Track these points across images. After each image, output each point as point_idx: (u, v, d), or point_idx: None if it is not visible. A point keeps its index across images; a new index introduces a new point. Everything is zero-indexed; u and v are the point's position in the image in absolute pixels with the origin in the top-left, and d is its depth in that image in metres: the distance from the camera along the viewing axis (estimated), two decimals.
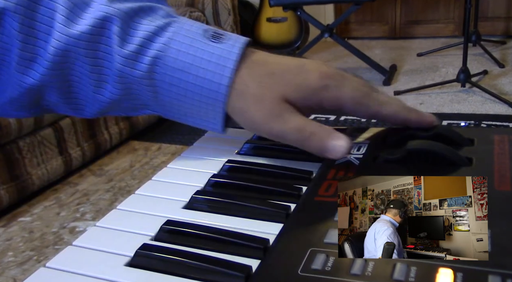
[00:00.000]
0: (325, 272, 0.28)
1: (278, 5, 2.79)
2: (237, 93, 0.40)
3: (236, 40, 0.41)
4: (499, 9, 3.48)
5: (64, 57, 0.40)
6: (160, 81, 0.40)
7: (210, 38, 0.40)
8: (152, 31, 0.40)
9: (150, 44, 0.40)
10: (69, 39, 0.39)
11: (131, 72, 0.40)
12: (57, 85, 0.41)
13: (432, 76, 2.82)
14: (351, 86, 0.41)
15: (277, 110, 0.40)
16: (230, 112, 0.41)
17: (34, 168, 1.62)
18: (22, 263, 1.30)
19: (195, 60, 0.40)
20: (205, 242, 0.32)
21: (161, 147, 2.01)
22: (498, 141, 0.42)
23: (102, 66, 0.41)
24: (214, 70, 0.40)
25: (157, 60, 0.40)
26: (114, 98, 0.42)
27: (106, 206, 1.57)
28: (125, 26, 0.40)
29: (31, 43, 0.39)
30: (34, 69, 0.40)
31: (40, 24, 0.39)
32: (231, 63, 0.40)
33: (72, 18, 0.39)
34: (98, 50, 0.40)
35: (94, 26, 0.39)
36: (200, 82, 0.40)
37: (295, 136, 0.40)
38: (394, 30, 3.81)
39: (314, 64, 0.42)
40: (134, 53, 0.40)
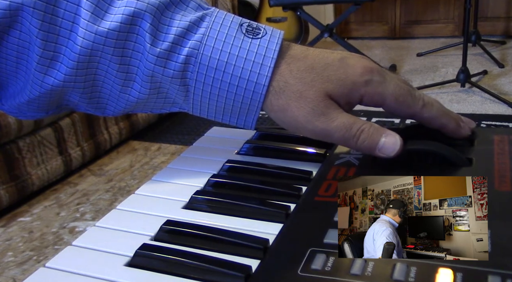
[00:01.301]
0: (325, 272, 0.28)
1: (278, 5, 2.79)
2: (276, 91, 0.38)
3: (272, 34, 0.39)
4: (499, 9, 3.48)
5: (91, 56, 0.37)
6: (193, 80, 0.38)
7: (245, 33, 0.38)
8: (185, 27, 0.38)
9: (184, 41, 0.38)
10: (96, 37, 0.36)
11: (163, 72, 0.38)
12: (81, 84, 0.39)
13: (432, 76, 2.82)
14: (394, 82, 0.40)
15: (321, 107, 0.38)
16: (269, 110, 0.39)
17: (34, 168, 1.62)
18: (21, 263, 1.30)
19: (230, 58, 0.38)
20: (205, 242, 0.32)
21: (161, 147, 2.01)
22: (498, 141, 0.42)
23: (130, 64, 0.38)
24: (252, 69, 0.38)
25: (191, 58, 0.37)
26: (142, 97, 0.40)
27: (106, 206, 1.57)
28: (156, 23, 0.37)
29: (53, 41, 0.37)
30: (56, 69, 0.38)
31: (63, 20, 0.36)
32: (270, 61, 0.38)
33: (98, 14, 0.37)
34: (127, 48, 0.38)
35: (123, 22, 0.37)
36: (236, 81, 0.38)
37: (342, 134, 0.38)
38: (394, 30, 3.81)
39: (355, 58, 0.40)
40: (166, 52, 0.37)
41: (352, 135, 0.38)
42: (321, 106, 0.38)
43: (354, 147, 0.39)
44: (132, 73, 0.39)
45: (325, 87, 0.38)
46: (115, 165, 1.87)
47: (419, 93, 0.41)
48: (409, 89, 0.40)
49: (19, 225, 1.49)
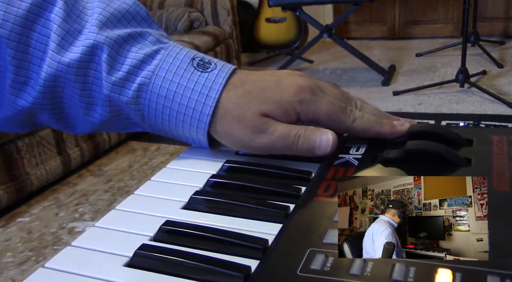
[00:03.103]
0: (324, 272, 0.28)
1: (277, 5, 2.79)
2: (219, 119, 0.42)
3: (222, 69, 0.42)
4: (498, 10, 3.49)
5: (55, 82, 0.41)
6: (146, 106, 0.42)
7: (195, 67, 0.42)
8: (140, 59, 0.42)
9: (138, 71, 0.41)
10: (59, 66, 0.40)
11: (118, 98, 0.42)
12: (49, 107, 0.43)
13: (431, 76, 2.83)
14: (326, 100, 0.42)
15: (259, 125, 0.41)
16: (216, 136, 0.43)
17: (33, 168, 1.61)
18: (20, 264, 1.29)
19: (179, 88, 0.41)
20: (204, 242, 0.32)
21: (160, 147, 2.00)
22: (497, 141, 0.42)
23: (91, 90, 0.42)
24: (197, 99, 0.41)
25: (144, 86, 0.41)
26: (104, 119, 0.44)
27: (105, 206, 1.57)
28: (113, 54, 0.41)
29: (25, 68, 0.41)
30: (27, 92, 0.42)
31: (34, 50, 0.40)
32: (214, 93, 0.41)
33: (63, 46, 0.41)
34: (88, 75, 0.42)
35: (84, 53, 0.41)
36: (183, 109, 0.42)
37: (283, 143, 0.41)
38: (393, 30, 3.81)
39: (291, 78, 0.42)
40: (121, 80, 0.41)
41: (291, 142, 0.41)
42: (259, 124, 0.41)
43: (296, 152, 0.41)
44: (94, 98, 0.43)
45: (261, 108, 0.41)
46: (114, 165, 1.87)
47: (352, 108, 0.43)
48: (341, 106, 0.42)
49: (18, 225, 1.48)
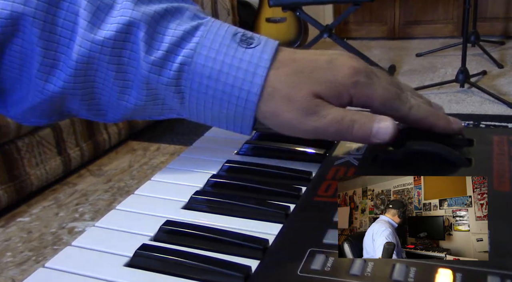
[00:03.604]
0: (324, 272, 0.28)
1: (277, 5, 2.79)
2: (266, 98, 0.39)
3: (266, 44, 0.39)
4: (498, 10, 3.49)
5: (88, 64, 0.38)
6: (187, 88, 0.39)
7: (239, 43, 0.39)
8: (179, 36, 0.38)
9: (178, 50, 0.38)
10: (92, 46, 0.37)
11: (157, 79, 0.39)
12: (80, 92, 0.40)
13: (431, 76, 2.83)
14: (382, 85, 0.40)
15: (311, 107, 0.38)
16: (261, 117, 0.40)
17: (33, 168, 1.61)
18: (20, 264, 1.29)
19: (224, 67, 0.38)
20: (204, 242, 0.32)
21: (160, 147, 2.00)
22: (497, 141, 0.42)
23: (127, 72, 0.39)
24: (244, 78, 0.38)
25: (185, 66, 0.38)
26: (139, 104, 0.41)
27: (105, 206, 1.57)
28: (151, 32, 0.38)
29: (53, 49, 0.38)
30: (56, 76, 0.39)
31: (62, 29, 0.38)
32: (262, 70, 0.38)
33: (95, 23, 0.38)
34: (123, 56, 0.39)
35: (119, 31, 0.38)
36: (229, 89, 0.38)
37: (336, 128, 0.38)
38: (393, 30, 3.81)
39: (343, 59, 0.40)
40: (161, 60, 0.38)
41: (345, 127, 0.38)
42: (310, 106, 0.38)
43: (350, 139, 0.39)
44: (128, 81, 0.40)
45: (313, 89, 0.38)
46: (114, 165, 1.87)
47: (407, 95, 0.41)
48: (397, 93, 0.40)
49: (18, 225, 1.48)
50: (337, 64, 0.39)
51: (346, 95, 0.39)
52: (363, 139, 0.39)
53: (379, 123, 0.38)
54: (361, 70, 0.39)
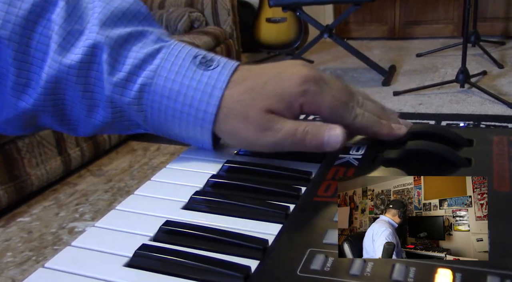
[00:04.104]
0: (324, 272, 0.28)
1: (278, 5, 2.79)
2: (222, 119, 0.41)
3: (224, 66, 0.41)
4: (498, 10, 3.49)
5: (56, 83, 0.41)
6: (148, 106, 0.41)
7: (198, 65, 0.41)
8: (141, 58, 0.41)
9: (139, 71, 0.41)
10: (61, 67, 0.40)
11: (120, 99, 0.41)
12: (51, 109, 0.42)
13: (431, 76, 2.83)
14: (329, 93, 0.41)
15: (264, 123, 0.40)
16: (221, 136, 0.42)
17: (33, 168, 1.61)
18: (21, 264, 1.29)
19: (182, 88, 0.40)
20: (204, 242, 0.32)
21: (160, 147, 2.00)
22: (497, 141, 0.42)
23: (93, 91, 0.42)
24: (201, 99, 0.40)
25: (145, 87, 0.41)
26: (106, 121, 0.43)
27: (105, 206, 1.57)
28: (114, 54, 0.40)
29: (26, 69, 0.40)
30: (28, 94, 0.41)
31: (35, 51, 0.40)
32: (218, 91, 0.40)
33: (65, 47, 0.40)
34: (89, 77, 0.41)
35: (84, 54, 0.40)
36: (187, 109, 0.41)
37: (290, 141, 0.40)
38: (394, 30, 3.81)
39: (293, 68, 0.41)
40: (123, 81, 0.41)
41: (299, 139, 0.40)
42: (264, 122, 0.40)
43: (305, 149, 0.41)
44: (96, 99, 0.42)
45: (265, 104, 0.40)
46: (114, 165, 1.87)
47: (354, 104, 0.42)
48: (344, 101, 0.41)
49: (18, 225, 1.48)
50: (286, 75, 0.41)
51: (296, 104, 0.40)
52: (316, 148, 0.40)
53: (329, 132, 0.40)
54: (310, 79, 0.40)
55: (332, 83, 0.42)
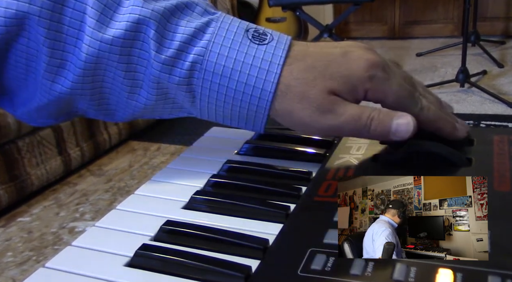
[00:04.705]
0: (325, 272, 0.28)
1: (277, 5, 2.79)
2: (278, 95, 0.38)
3: (279, 40, 0.38)
4: (498, 9, 3.49)
5: (97, 63, 0.37)
6: (199, 86, 0.38)
7: (251, 39, 0.38)
8: (191, 33, 0.37)
9: (189, 48, 0.37)
10: (101, 45, 0.36)
11: (168, 78, 0.38)
12: (89, 92, 0.39)
13: (431, 76, 2.82)
14: (397, 81, 0.39)
15: (326, 105, 0.37)
16: (275, 115, 0.39)
17: (33, 168, 1.61)
18: (21, 264, 1.29)
19: (236, 64, 0.37)
20: (204, 242, 0.32)
21: (160, 147, 2.00)
22: (497, 141, 0.42)
23: (136, 71, 0.38)
24: (257, 75, 0.37)
25: (196, 64, 0.37)
26: (149, 103, 0.40)
27: (106, 206, 1.57)
28: (161, 29, 0.37)
29: (60, 48, 0.37)
30: (64, 76, 0.38)
31: (69, 28, 0.37)
32: (275, 67, 0.37)
33: (103, 21, 0.36)
34: (132, 55, 0.38)
35: (128, 30, 0.36)
36: (242, 87, 0.38)
37: (353, 126, 0.38)
38: (393, 30, 3.81)
39: (359, 51, 0.39)
40: (172, 59, 0.37)
41: (362, 125, 0.37)
42: (325, 104, 0.37)
43: (368, 136, 0.39)
44: (138, 80, 0.39)
45: (328, 85, 0.37)
46: (114, 165, 1.87)
47: (419, 95, 0.40)
48: (411, 91, 0.39)
49: (19, 225, 1.48)
50: (352, 57, 0.38)
51: (361, 89, 0.38)
52: (381, 136, 0.38)
53: (399, 120, 0.38)
54: (378, 64, 0.38)
55: (398, 71, 0.40)
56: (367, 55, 0.38)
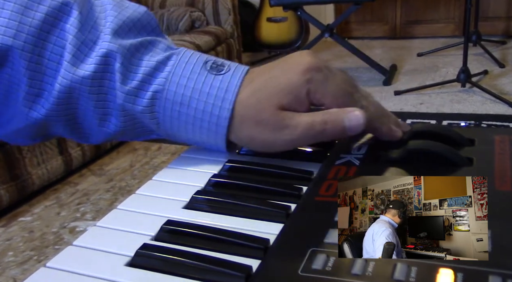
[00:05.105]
0: (325, 272, 0.28)
1: (279, 5, 2.79)
2: (237, 126, 0.40)
3: (236, 70, 0.41)
4: (500, 9, 3.48)
5: (70, 94, 0.40)
6: (161, 113, 0.41)
7: (209, 70, 0.41)
8: (153, 66, 0.41)
9: (151, 79, 0.40)
10: (74, 78, 0.39)
11: (132, 107, 0.41)
12: (63, 118, 0.42)
13: (432, 76, 2.82)
14: (335, 83, 0.40)
15: (279, 122, 0.39)
16: (238, 142, 0.42)
17: (34, 167, 1.62)
18: (22, 263, 1.30)
19: (194, 93, 0.40)
20: (205, 242, 0.32)
21: (161, 147, 2.01)
22: (498, 141, 0.42)
23: (106, 100, 0.41)
24: (214, 103, 0.40)
25: (157, 94, 0.40)
26: (119, 129, 0.43)
27: (106, 206, 1.57)
28: (126, 63, 0.40)
29: (39, 79, 0.40)
30: (40, 104, 0.41)
31: (48, 62, 0.39)
32: (230, 95, 0.40)
33: (78, 57, 0.40)
34: (102, 86, 0.41)
35: (98, 64, 0.40)
36: (200, 114, 0.40)
37: (310, 135, 0.39)
38: (395, 30, 3.81)
39: (296, 58, 0.40)
40: (135, 90, 0.40)
41: (318, 131, 0.39)
42: (279, 121, 0.39)
43: (329, 138, 0.40)
44: (108, 108, 0.42)
45: (274, 102, 0.39)
46: (115, 164, 1.88)
47: (359, 96, 0.41)
48: (349, 91, 0.40)
49: (20, 225, 1.49)
50: (289, 66, 0.40)
51: (303, 94, 0.39)
52: (339, 135, 0.40)
53: (348, 115, 0.39)
54: (313, 67, 0.39)
55: (336, 73, 0.41)
56: (304, 59, 0.40)
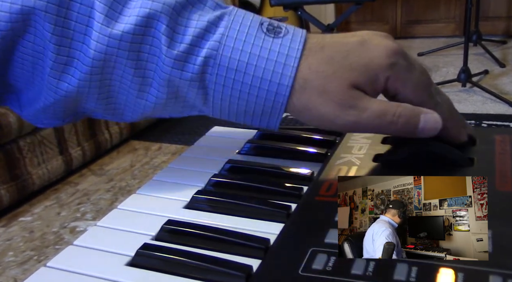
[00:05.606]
0: (326, 272, 0.28)
1: (279, 5, 2.79)
2: (297, 91, 0.36)
3: (294, 33, 0.37)
4: (500, 9, 3.48)
5: (105, 61, 0.36)
6: (212, 83, 0.36)
7: (266, 32, 0.36)
8: (203, 27, 0.36)
9: (202, 42, 0.36)
10: (110, 41, 0.35)
11: (180, 75, 0.36)
12: (96, 90, 0.37)
13: (433, 76, 2.82)
14: (417, 72, 0.37)
15: (348, 100, 0.35)
16: (292, 111, 0.37)
17: (35, 167, 1.62)
18: (22, 263, 1.30)
19: (252, 58, 0.35)
20: (206, 241, 0.32)
21: (161, 147, 2.01)
22: (499, 141, 0.42)
23: (147, 68, 0.37)
24: (273, 69, 0.35)
25: (210, 60, 0.36)
26: (159, 102, 0.38)
27: (107, 206, 1.57)
28: (173, 24, 0.35)
29: (67, 45, 0.35)
30: (70, 74, 0.36)
31: (76, 24, 0.35)
32: (292, 61, 0.35)
33: (112, 16, 0.35)
34: (143, 51, 0.36)
35: (138, 25, 0.35)
36: (257, 82, 0.36)
37: (378, 123, 0.36)
38: (395, 30, 3.81)
39: (378, 38, 0.37)
40: (184, 54, 0.35)
41: (388, 122, 0.36)
42: (347, 98, 0.35)
43: (395, 133, 0.37)
44: (148, 78, 0.37)
45: (349, 77, 0.35)
46: (115, 164, 1.88)
47: (434, 90, 0.39)
48: (429, 84, 0.38)
49: (20, 225, 1.49)
50: (371, 45, 0.37)
51: (382, 78, 0.36)
52: (408, 133, 0.37)
53: (426, 116, 0.36)
54: (399, 51, 0.36)
55: (415, 63, 0.37)
56: (387, 42, 0.37)
